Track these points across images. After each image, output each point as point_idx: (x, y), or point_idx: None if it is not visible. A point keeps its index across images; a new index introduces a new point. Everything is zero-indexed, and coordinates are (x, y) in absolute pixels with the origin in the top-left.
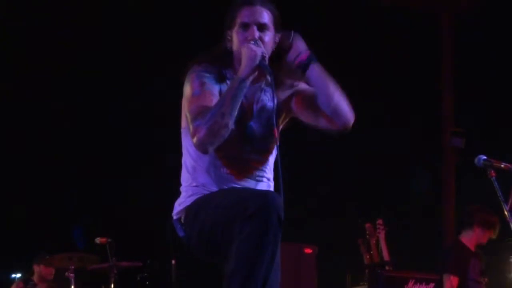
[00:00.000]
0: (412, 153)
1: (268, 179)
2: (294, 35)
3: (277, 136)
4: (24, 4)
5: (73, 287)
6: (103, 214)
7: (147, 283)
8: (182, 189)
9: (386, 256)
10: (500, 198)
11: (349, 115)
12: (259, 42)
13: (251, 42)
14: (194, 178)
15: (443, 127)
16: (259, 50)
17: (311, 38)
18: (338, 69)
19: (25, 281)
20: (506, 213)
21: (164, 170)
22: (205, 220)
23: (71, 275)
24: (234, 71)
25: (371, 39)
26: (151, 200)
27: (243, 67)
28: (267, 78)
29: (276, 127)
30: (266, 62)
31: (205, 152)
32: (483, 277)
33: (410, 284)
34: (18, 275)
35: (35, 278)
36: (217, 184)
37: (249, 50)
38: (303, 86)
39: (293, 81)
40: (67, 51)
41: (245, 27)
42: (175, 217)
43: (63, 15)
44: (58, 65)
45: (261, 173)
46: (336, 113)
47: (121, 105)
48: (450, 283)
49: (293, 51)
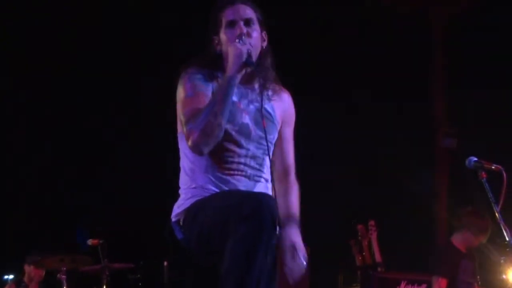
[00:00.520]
0: (405, 154)
1: (266, 179)
2: None
3: (274, 138)
4: None
5: None
6: (96, 215)
7: (139, 284)
8: (181, 191)
9: (378, 257)
10: (490, 199)
11: None
12: (246, 39)
13: (237, 40)
14: (192, 180)
15: (436, 127)
16: (244, 47)
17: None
18: (331, 69)
19: (17, 282)
20: (496, 214)
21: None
22: (204, 222)
23: (63, 276)
24: (225, 73)
25: (364, 39)
26: (144, 201)
27: (230, 65)
28: (260, 80)
29: (274, 128)
30: (252, 59)
31: (200, 153)
32: (476, 278)
33: (402, 285)
34: (10, 276)
35: (26, 279)
36: (215, 185)
37: (235, 48)
38: (288, 118)
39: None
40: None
41: (231, 25)
42: (173, 219)
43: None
44: (58, 66)
45: (258, 173)
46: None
47: (117, 107)
48: (438, 285)
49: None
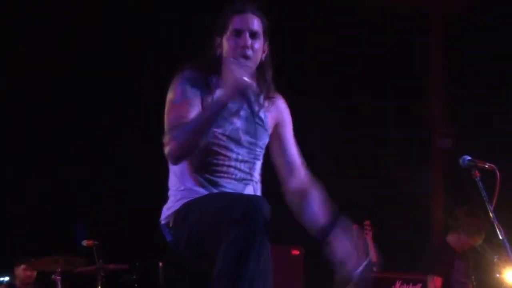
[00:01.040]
0: (401, 154)
1: (256, 182)
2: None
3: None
4: None
5: None
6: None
7: (135, 285)
8: (170, 193)
9: (373, 257)
10: (484, 198)
11: None
12: (245, 60)
13: (237, 60)
14: (181, 182)
15: (432, 127)
16: (244, 74)
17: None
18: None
19: (10, 286)
20: (490, 213)
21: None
22: (194, 224)
23: (58, 277)
24: (220, 79)
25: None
26: (139, 202)
27: (228, 91)
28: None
29: (264, 133)
30: (250, 90)
31: (175, 163)
32: (470, 278)
33: (397, 284)
34: (6, 278)
35: (17, 281)
36: (205, 187)
37: (234, 74)
38: (285, 121)
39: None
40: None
41: (237, 33)
42: (163, 222)
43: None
44: (59, 66)
45: (248, 177)
46: (289, 202)
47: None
48: (433, 283)
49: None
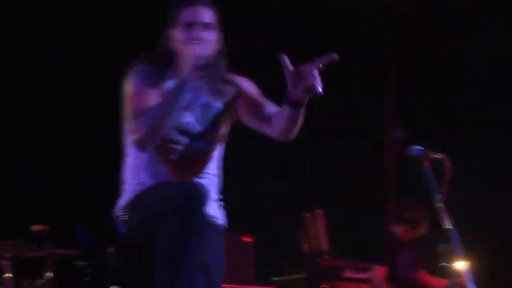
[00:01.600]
0: (354, 144)
1: (211, 174)
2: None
3: (222, 134)
4: None
5: (7, 275)
6: (43, 200)
7: (87, 271)
8: (123, 186)
9: (324, 245)
10: (432, 189)
11: (293, 136)
12: (202, 42)
13: (194, 42)
14: (134, 176)
15: (384, 117)
16: (202, 51)
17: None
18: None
19: None
20: (438, 204)
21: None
22: (142, 215)
23: (6, 262)
24: (175, 71)
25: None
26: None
27: (186, 68)
28: (210, 76)
29: (220, 124)
30: (209, 63)
31: (143, 151)
32: (417, 268)
33: (347, 272)
34: None
35: None
36: (156, 181)
37: (192, 51)
38: (247, 87)
39: (235, 79)
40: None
41: (188, 26)
42: (116, 214)
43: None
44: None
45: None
46: (285, 138)
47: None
48: (377, 273)
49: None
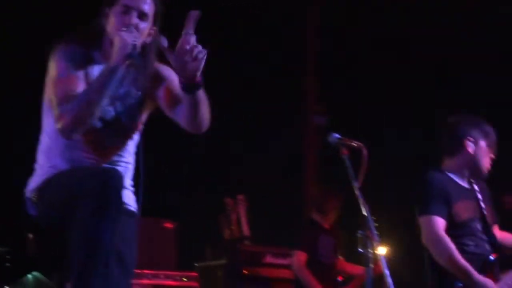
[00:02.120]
0: (275, 131)
1: (126, 163)
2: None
3: (140, 123)
4: None
5: None
6: None
7: (6, 257)
8: (36, 167)
9: (246, 231)
10: (351, 176)
11: (206, 127)
12: (133, 29)
13: (124, 29)
14: (48, 158)
15: (305, 104)
16: (130, 38)
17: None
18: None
19: None
20: (356, 191)
21: (23, 142)
22: (53, 198)
23: None
24: (103, 53)
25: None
26: (10, 173)
27: (114, 55)
28: (135, 64)
29: (140, 114)
30: (136, 51)
31: (68, 138)
32: (337, 254)
33: (268, 258)
34: None
35: None
36: (71, 166)
37: (121, 38)
38: (172, 78)
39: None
40: None
41: (125, 10)
42: (27, 195)
43: None
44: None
45: (118, 158)
46: (196, 128)
47: None
48: (297, 258)
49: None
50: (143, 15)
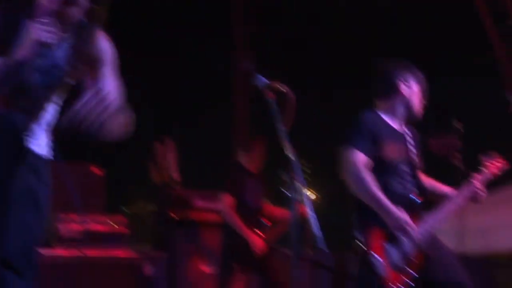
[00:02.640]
0: (204, 77)
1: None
2: None
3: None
4: None
5: None
6: None
7: None
8: None
9: (175, 176)
10: (277, 119)
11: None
12: (52, 24)
13: (41, 22)
14: None
15: (234, 52)
16: (44, 36)
17: None
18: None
19: None
20: (281, 134)
21: None
22: None
23: None
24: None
25: None
26: None
27: (22, 47)
28: (64, 36)
29: (59, 90)
30: (49, 46)
31: None
32: (263, 198)
33: (197, 201)
34: None
35: None
36: None
37: (34, 32)
38: (106, 59)
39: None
40: None
41: None
42: None
43: None
44: None
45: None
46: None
47: None
48: (225, 201)
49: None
50: (72, 1)
